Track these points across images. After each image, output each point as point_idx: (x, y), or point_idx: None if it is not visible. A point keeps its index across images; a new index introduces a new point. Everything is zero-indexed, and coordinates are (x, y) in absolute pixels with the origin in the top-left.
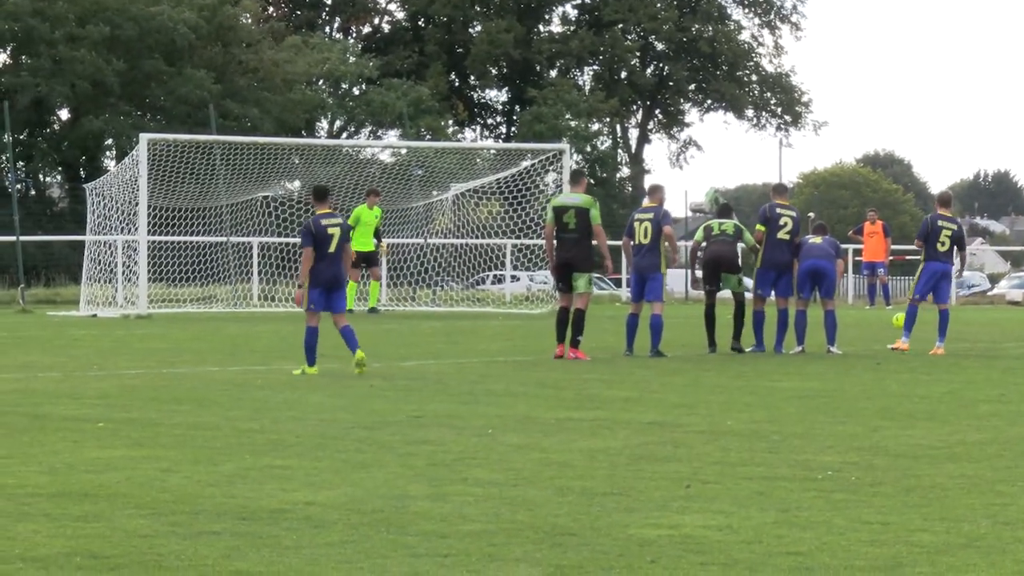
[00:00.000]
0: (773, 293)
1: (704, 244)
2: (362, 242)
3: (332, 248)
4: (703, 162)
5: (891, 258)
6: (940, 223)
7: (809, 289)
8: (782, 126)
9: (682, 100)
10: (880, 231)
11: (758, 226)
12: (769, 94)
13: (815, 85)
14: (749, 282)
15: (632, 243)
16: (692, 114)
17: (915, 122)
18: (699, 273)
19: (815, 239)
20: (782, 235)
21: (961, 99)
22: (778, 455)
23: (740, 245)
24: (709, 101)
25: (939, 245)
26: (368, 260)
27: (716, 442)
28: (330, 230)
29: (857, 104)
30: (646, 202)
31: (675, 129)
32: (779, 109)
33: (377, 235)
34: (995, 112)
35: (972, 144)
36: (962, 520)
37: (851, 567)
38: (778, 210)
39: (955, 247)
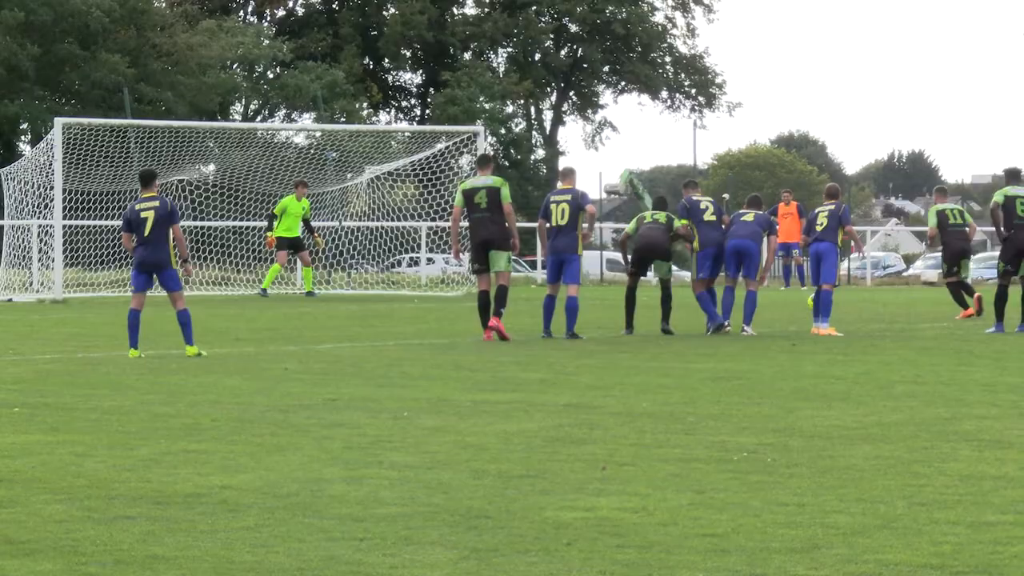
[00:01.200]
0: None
1: (635, 233)
2: (287, 228)
3: (147, 231)
4: (618, 144)
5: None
6: (818, 210)
7: (735, 268)
8: (696, 107)
9: (596, 82)
10: (795, 212)
11: (681, 220)
12: (683, 75)
13: (729, 66)
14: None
15: (548, 225)
16: (606, 95)
17: (829, 103)
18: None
19: (747, 216)
20: (708, 217)
21: (875, 80)
22: (694, 437)
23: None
24: (623, 83)
25: (817, 226)
26: (294, 246)
27: (632, 424)
28: (143, 214)
29: (771, 85)
30: (560, 184)
31: (589, 111)
32: (693, 91)
33: (309, 227)
34: (909, 93)
35: (886, 125)
36: (878, 501)
37: (767, 549)
38: (695, 198)
39: (837, 225)
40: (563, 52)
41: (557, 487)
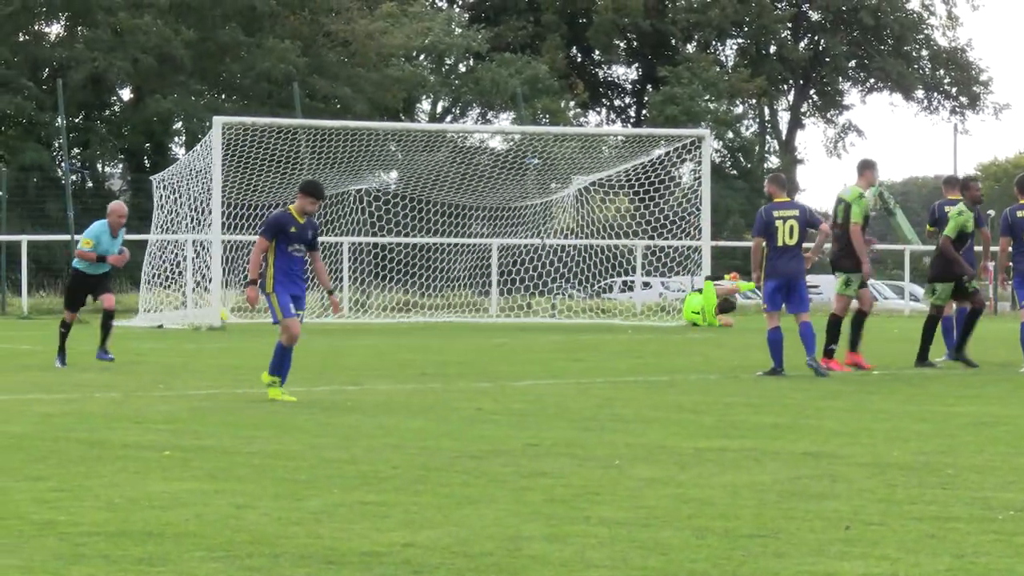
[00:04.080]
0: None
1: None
2: None
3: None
4: (865, 150)
5: None
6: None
7: None
8: (957, 109)
9: (840, 79)
10: None
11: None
12: (942, 72)
13: (995, 62)
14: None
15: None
16: (852, 95)
17: None
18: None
19: None
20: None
21: None
22: (952, 492)
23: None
24: (872, 80)
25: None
26: None
27: (880, 476)
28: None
29: None
30: (777, 197)
31: (832, 112)
32: (953, 89)
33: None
34: None
35: None
36: None
37: None
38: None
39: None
40: (802, 44)
41: (793, 549)
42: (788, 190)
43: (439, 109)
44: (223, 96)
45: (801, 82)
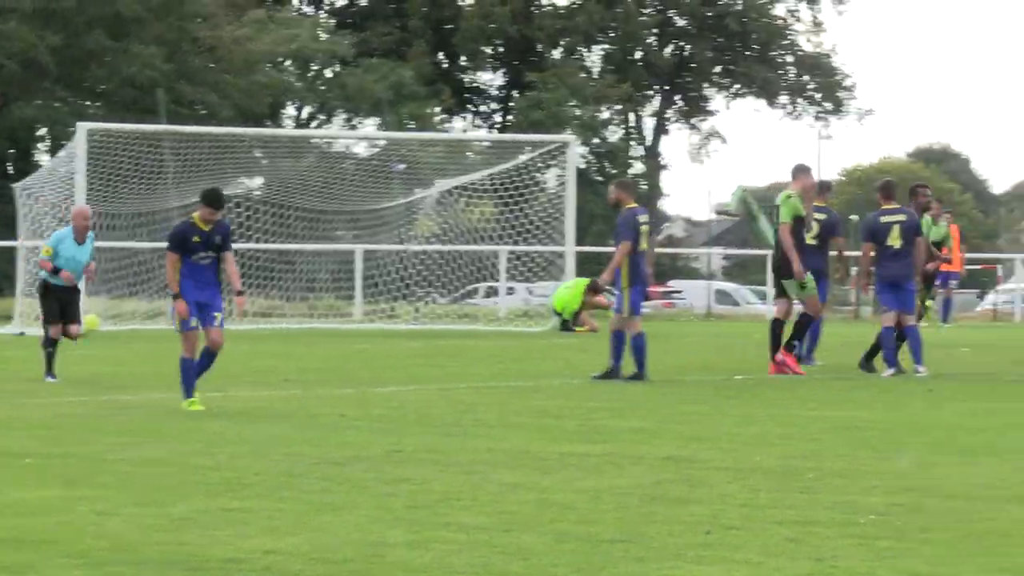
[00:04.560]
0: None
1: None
2: None
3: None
4: (729, 157)
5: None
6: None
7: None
8: (821, 114)
9: (705, 85)
10: (956, 236)
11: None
12: (807, 77)
13: (859, 68)
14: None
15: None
16: (717, 100)
17: (975, 111)
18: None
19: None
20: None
21: None
22: (814, 496)
23: None
24: (737, 85)
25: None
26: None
27: (742, 481)
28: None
29: (908, 90)
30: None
31: (697, 118)
32: (818, 95)
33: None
34: None
35: None
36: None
37: None
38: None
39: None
40: (668, 50)
41: (653, 553)
42: (653, 199)
43: (305, 115)
44: (88, 102)
45: (666, 88)
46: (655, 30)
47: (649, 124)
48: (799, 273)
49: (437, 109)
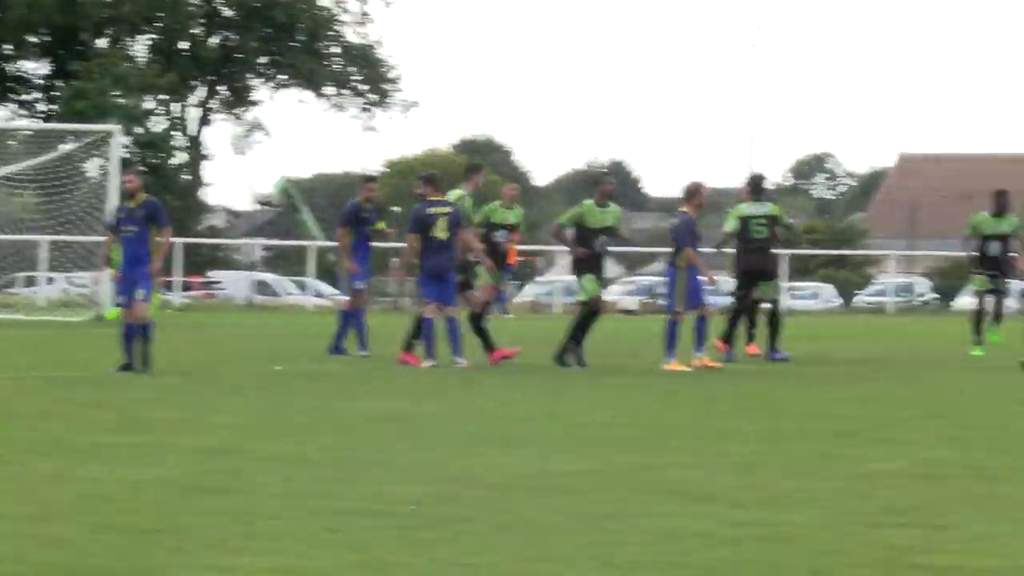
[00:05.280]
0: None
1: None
2: None
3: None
4: (273, 148)
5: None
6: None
7: None
8: (366, 106)
9: (251, 75)
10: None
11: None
12: (353, 69)
13: (404, 60)
14: None
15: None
16: (262, 91)
17: (518, 104)
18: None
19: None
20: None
21: (570, 80)
22: (352, 487)
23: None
24: (283, 76)
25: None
26: None
27: (281, 471)
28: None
29: (452, 83)
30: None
31: (241, 108)
32: (363, 86)
33: None
34: (608, 96)
35: (582, 131)
36: (564, 562)
37: None
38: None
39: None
40: (214, 41)
41: (192, 543)
42: (194, 189)
43: None
44: None
45: (212, 78)
46: (202, 20)
47: (194, 114)
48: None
49: None
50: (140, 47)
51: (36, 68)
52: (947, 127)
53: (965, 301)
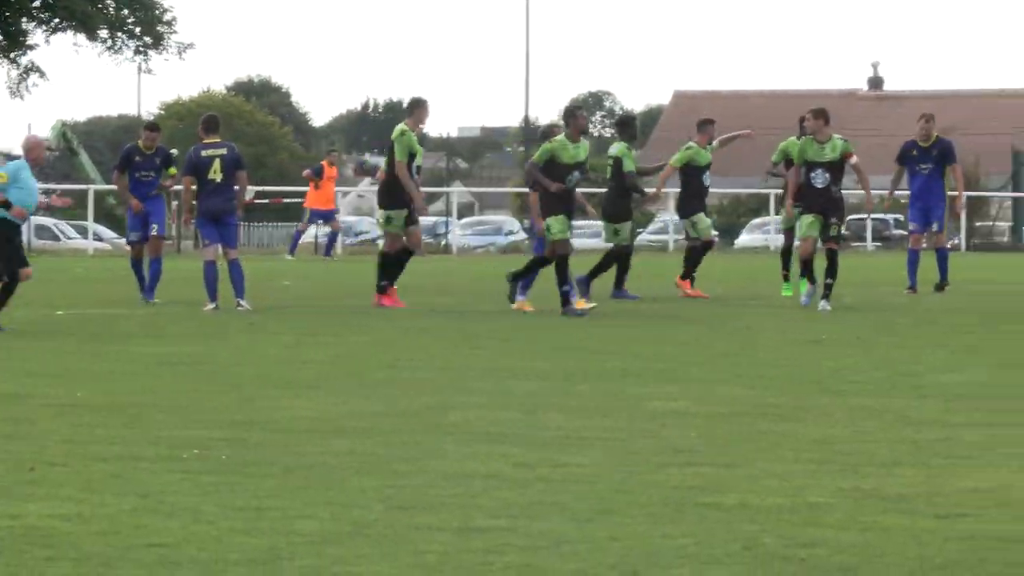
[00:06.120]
0: None
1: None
2: None
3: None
4: (49, 92)
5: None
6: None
7: None
8: (141, 49)
9: (25, 19)
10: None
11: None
12: (126, 12)
13: (179, 2)
14: None
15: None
16: (37, 35)
17: (294, 44)
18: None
19: None
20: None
21: (347, 17)
22: (137, 431)
23: None
24: (57, 20)
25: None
26: None
27: (65, 417)
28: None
29: (228, 24)
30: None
31: (16, 52)
32: (138, 29)
33: None
34: (382, 35)
35: (359, 70)
36: (351, 504)
37: (223, 560)
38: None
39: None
40: None
41: None
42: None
43: None
44: None
45: None
46: None
47: None
48: (421, 208)
49: None
50: None
51: None
52: (722, 64)
53: (745, 239)
